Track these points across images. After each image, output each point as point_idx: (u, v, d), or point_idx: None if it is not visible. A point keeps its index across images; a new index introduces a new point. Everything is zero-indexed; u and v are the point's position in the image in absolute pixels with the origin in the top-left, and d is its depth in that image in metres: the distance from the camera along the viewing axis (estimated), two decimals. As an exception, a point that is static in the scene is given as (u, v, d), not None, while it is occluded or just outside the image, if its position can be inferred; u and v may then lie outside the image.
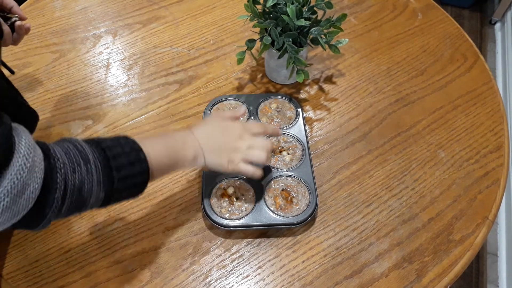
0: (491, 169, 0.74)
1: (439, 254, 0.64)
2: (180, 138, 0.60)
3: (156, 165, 0.54)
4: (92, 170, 0.47)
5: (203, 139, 0.61)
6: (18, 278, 0.61)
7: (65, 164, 0.45)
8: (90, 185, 0.47)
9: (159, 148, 0.56)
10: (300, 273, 0.62)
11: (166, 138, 0.60)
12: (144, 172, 0.52)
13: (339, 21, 0.76)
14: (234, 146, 0.62)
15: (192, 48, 0.93)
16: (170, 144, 0.58)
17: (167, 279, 0.62)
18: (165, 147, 0.57)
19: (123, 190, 0.51)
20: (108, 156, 0.49)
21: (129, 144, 0.52)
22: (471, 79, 0.88)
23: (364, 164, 0.74)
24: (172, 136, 0.61)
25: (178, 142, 0.59)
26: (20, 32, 0.68)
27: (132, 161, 0.51)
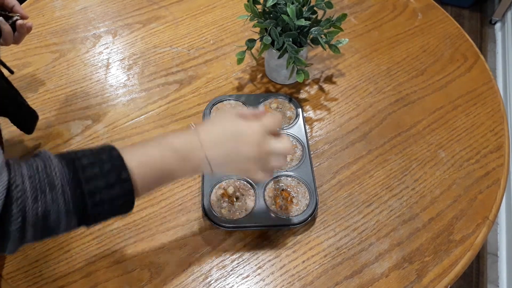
0: (492, 169, 0.74)
1: (440, 254, 0.64)
2: (182, 147, 0.50)
3: (144, 181, 0.47)
4: (57, 199, 0.42)
5: (211, 149, 0.50)
6: (18, 278, 0.61)
7: (25, 192, 0.40)
8: (56, 214, 0.42)
9: (151, 161, 0.48)
10: (300, 273, 0.62)
11: (164, 146, 0.50)
12: (126, 194, 0.46)
13: (339, 21, 0.76)
14: (251, 157, 0.52)
15: (192, 48, 0.93)
16: (168, 154, 0.49)
17: (167, 279, 0.61)
18: (161, 158, 0.49)
19: (102, 214, 0.46)
20: (80, 179, 0.43)
21: (111, 161, 0.45)
22: (471, 79, 0.88)
23: (364, 164, 0.74)
24: (172, 143, 0.50)
25: (178, 152, 0.49)
26: (21, 31, 0.68)
27: (111, 182, 0.44)
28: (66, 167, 0.43)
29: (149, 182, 0.48)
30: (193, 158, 0.50)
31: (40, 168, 0.42)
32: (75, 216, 0.43)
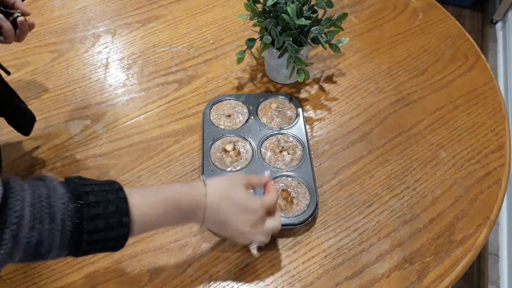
0: (493, 169, 0.74)
1: (441, 255, 0.64)
2: (187, 208, 0.52)
3: (140, 229, 0.48)
4: (55, 232, 0.41)
5: (211, 212, 0.53)
6: (17, 279, 0.61)
7: (22, 219, 0.40)
8: (49, 246, 0.42)
9: (153, 214, 0.49)
10: (301, 274, 0.62)
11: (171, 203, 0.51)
12: (122, 237, 0.46)
13: (340, 20, 0.76)
14: (243, 232, 0.55)
15: (192, 48, 0.93)
16: (172, 211, 0.51)
17: (167, 280, 0.61)
18: (163, 213, 0.50)
19: (93, 250, 0.46)
20: (83, 216, 0.43)
21: (116, 203, 0.45)
22: (472, 78, 0.88)
23: (365, 164, 0.74)
24: (179, 202, 0.51)
25: (181, 212, 0.51)
26: (23, 29, 0.66)
27: (111, 225, 0.45)
28: (71, 202, 0.43)
29: (144, 230, 0.50)
30: (191, 218, 0.53)
31: (43, 196, 0.42)
32: (67, 249, 0.43)
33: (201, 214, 0.53)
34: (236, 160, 0.72)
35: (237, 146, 0.74)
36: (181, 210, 0.51)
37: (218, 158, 0.72)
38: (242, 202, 0.55)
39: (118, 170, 0.73)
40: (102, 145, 0.76)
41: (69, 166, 0.73)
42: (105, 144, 0.76)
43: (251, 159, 0.72)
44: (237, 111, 0.79)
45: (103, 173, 0.72)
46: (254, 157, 0.72)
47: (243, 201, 0.55)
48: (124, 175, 0.72)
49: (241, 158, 0.72)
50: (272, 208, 0.58)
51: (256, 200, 0.56)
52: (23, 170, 0.73)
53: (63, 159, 0.74)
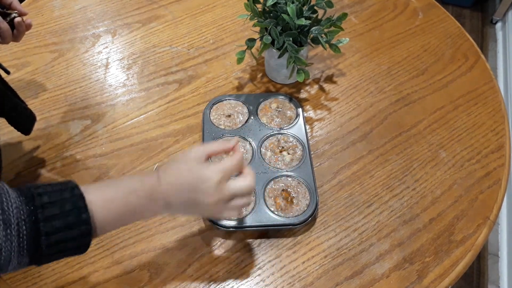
0: (493, 169, 0.74)
1: (440, 255, 0.64)
2: (144, 194, 0.50)
3: (104, 223, 0.47)
4: (12, 237, 0.40)
5: (171, 195, 0.51)
6: (17, 279, 0.61)
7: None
8: (8, 252, 0.40)
9: (113, 205, 0.47)
10: (301, 274, 0.62)
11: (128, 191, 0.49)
12: (84, 235, 0.44)
13: (340, 20, 0.76)
14: (211, 203, 0.51)
15: (192, 48, 0.93)
16: (130, 200, 0.49)
17: (167, 280, 0.61)
18: (124, 203, 0.48)
19: (55, 254, 0.44)
20: (38, 219, 0.41)
21: (72, 201, 0.44)
22: (472, 78, 0.88)
23: (365, 164, 0.74)
24: (135, 189, 0.50)
25: (140, 199, 0.49)
26: (20, 29, 0.66)
27: (70, 224, 0.43)
28: (24, 204, 0.41)
29: (109, 224, 0.48)
30: (154, 206, 0.51)
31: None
32: (27, 255, 0.42)
33: (161, 201, 0.50)
34: (236, 160, 0.72)
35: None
36: (140, 199, 0.49)
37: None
38: (195, 175, 0.51)
39: (118, 170, 0.73)
40: (102, 145, 0.76)
41: (69, 166, 0.73)
42: (105, 144, 0.76)
43: (251, 159, 0.72)
44: (237, 111, 0.79)
45: (103, 173, 0.72)
46: (254, 157, 0.72)
47: (197, 174, 0.51)
48: (124, 175, 0.72)
49: (241, 158, 0.72)
50: (237, 169, 0.54)
51: (211, 167, 0.52)
52: (23, 170, 0.73)
53: (63, 159, 0.74)
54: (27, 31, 0.68)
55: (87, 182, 0.71)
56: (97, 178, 0.72)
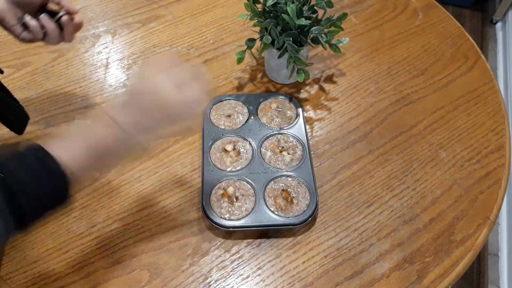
0: (493, 169, 0.74)
1: (440, 255, 0.64)
2: (92, 124, 0.50)
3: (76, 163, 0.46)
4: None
5: (120, 116, 0.48)
6: (17, 279, 0.61)
7: None
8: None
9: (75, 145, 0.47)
10: (301, 274, 0.62)
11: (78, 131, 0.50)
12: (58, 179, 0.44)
13: (340, 20, 0.76)
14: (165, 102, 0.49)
15: (192, 48, 0.93)
16: (83, 134, 0.49)
17: (167, 280, 0.61)
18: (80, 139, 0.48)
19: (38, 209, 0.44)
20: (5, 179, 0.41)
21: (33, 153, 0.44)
22: (472, 78, 0.88)
23: (365, 164, 0.74)
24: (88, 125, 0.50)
25: (93, 128, 0.49)
26: (68, 29, 0.62)
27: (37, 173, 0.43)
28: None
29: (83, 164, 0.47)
30: (108, 127, 0.48)
31: None
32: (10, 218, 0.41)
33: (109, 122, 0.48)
34: (236, 160, 0.72)
35: (237, 146, 0.74)
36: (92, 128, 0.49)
37: (218, 158, 0.72)
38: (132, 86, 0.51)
39: (118, 170, 0.73)
40: (102, 145, 0.76)
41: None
42: (105, 144, 0.76)
43: (251, 159, 0.72)
44: (237, 111, 0.79)
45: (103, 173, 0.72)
46: (254, 157, 0.72)
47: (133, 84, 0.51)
48: (124, 175, 0.72)
49: (241, 158, 0.72)
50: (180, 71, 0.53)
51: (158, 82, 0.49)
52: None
53: (63, 159, 0.74)
54: (78, 32, 0.65)
55: (86, 183, 0.71)
56: (97, 178, 0.72)
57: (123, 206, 0.68)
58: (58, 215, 0.67)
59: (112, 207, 0.68)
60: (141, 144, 0.50)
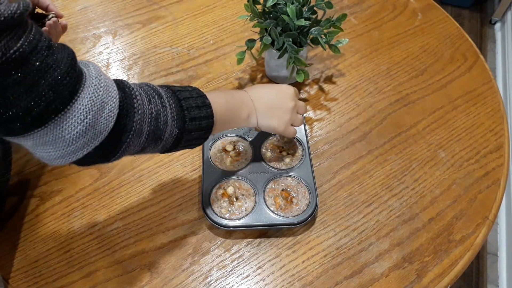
0: (491, 169, 0.74)
1: (439, 254, 0.64)
2: (237, 97, 0.64)
3: (218, 114, 0.56)
4: (166, 104, 0.50)
5: (257, 100, 0.64)
6: (18, 278, 0.61)
7: (141, 94, 0.48)
8: (165, 117, 0.50)
9: (220, 101, 0.58)
10: (300, 273, 0.62)
11: (226, 94, 0.64)
12: (209, 116, 0.55)
13: (339, 21, 0.76)
14: (289, 108, 0.66)
15: (192, 48, 0.93)
16: (230, 100, 0.62)
17: (167, 279, 0.62)
18: (225, 101, 0.60)
19: (192, 131, 0.53)
20: (178, 97, 0.52)
21: (195, 91, 0.56)
22: (471, 79, 0.88)
23: (364, 164, 0.74)
24: (231, 93, 0.65)
25: (236, 100, 0.63)
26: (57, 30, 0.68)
27: (199, 105, 0.54)
28: (164, 88, 0.53)
29: (220, 115, 0.57)
30: (246, 106, 0.63)
31: (143, 84, 0.50)
32: (176, 125, 0.51)
33: (249, 103, 0.63)
34: (236, 160, 0.72)
35: (237, 146, 0.74)
36: (235, 100, 0.63)
37: (218, 158, 0.72)
38: (277, 86, 0.68)
39: (118, 170, 0.73)
40: (103, 145, 0.76)
41: (70, 166, 0.73)
42: (105, 144, 0.77)
43: (251, 159, 0.72)
44: (237, 112, 0.79)
45: (103, 173, 0.73)
46: (254, 157, 0.72)
47: (277, 86, 0.69)
48: (124, 175, 0.72)
49: (241, 158, 0.72)
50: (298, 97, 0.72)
51: (285, 85, 0.70)
52: (23, 170, 0.73)
53: (64, 159, 0.74)
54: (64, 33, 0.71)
55: (87, 182, 0.71)
56: (97, 178, 0.72)
57: (124, 206, 0.69)
58: (59, 215, 0.68)
59: (112, 207, 0.69)
60: (255, 119, 0.64)
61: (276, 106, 0.65)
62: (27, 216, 0.68)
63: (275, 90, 0.67)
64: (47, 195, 0.70)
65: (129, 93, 0.47)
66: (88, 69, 0.44)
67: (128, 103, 0.46)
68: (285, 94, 0.67)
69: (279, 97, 0.66)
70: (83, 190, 0.71)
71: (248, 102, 0.64)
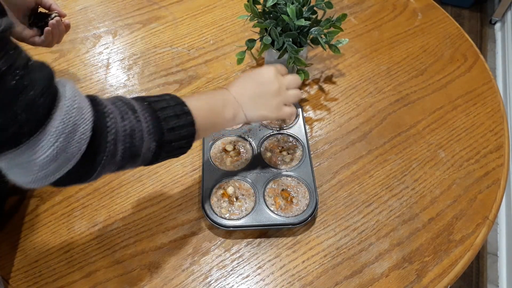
0: (491, 169, 0.74)
1: (439, 254, 0.64)
2: (219, 97, 0.61)
3: (199, 120, 0.54)
4: (140, 119, 0.48)
5: (239, 95, 0.61)
6: (18, 278, 0.61)
7: (113, 112, 0.46)
8: (140, 133, 0.47)
9: (200, 105, 0.56)
10: (300, 273, 0.62)
11: (206, 96, 0.62)
12: (189, 124, 0.53)
13: (339, 21, 0.76)
14: (274, 90, 0.62)
15: (192, 48, 0.93)
16: (211, 102, 0.59)
17: (167, 279, 0.62)
18: (206, 104, 0.58)
19: (172, 142, 0.51)
20: (154, 108, 0.50)
21: (174, 99, 0.53)
22: (471, 79, 0.88)
23: (364, 164, 0.74)
24: (211, 95, 0.63)
25: (217, 101, 0.60)
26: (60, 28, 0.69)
27: (177, 113, 0.52)
28: (139, 100, 0.50)
29: (202, 121, 0.55)
30: (229, 104, 0.60)
31: (116, 99, 0.48)
32: (154, 137, 0.49)
33: (232, 101, 0.60)
34: (236, 160, 0.72)
35: (237, 146, 0.74)
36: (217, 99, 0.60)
37: (218, 158, 0.72)
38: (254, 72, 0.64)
39: (118, 170, 0.73)
40: (103, 145, 0.76)
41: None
42: (105, 144, 0.77)
43: (251, 159, 0.72)
44: (237, 112, 0.79)
45: (104, 173, 0.73)
46: (254, 157, 0.72)
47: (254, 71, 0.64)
48: (124, 175, 0.72)
49: (241, 158, 0.72)
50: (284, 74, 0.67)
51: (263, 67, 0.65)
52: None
53: (64, 159, 0.74)
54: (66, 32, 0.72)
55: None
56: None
57: (124, 206, 0.69)
58: (59, 215, 0.68)
59: (112, 207, 0.69)
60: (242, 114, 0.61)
61: (260, 94, 0.62)
62: (27, 216, 0.68)
63: (255, 78, 0.63)
64: (47, 195, 0.70)
65: (102, 111, 0.45)
66: (64, 88, 0.43)
67: (102, 123, 0.44)
68: (265, 79, 0.62)
69: (260, 84, 0.62)
70: (83, 190, 0.71)
71: (231, 100, 0.60)
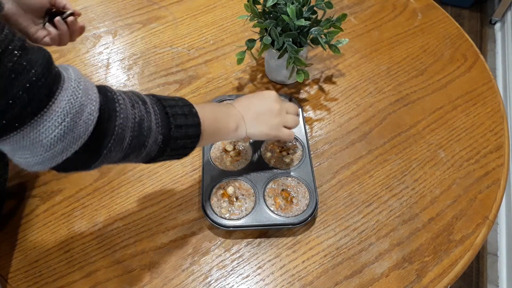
0: (491, 169, 0.74)
1: (439, 254, 0.64)
2: (224, 109, 0.63)
3: (205, 124, 0.55)
4: (150, 110, 0.49)
5: (243, 110, 0.63)
6: (18, 278, 0.61)
7: (124, 99, 0.46)
8: (149, 123, 0.48)
9: (207, 111, 0.57)
10: (300, 273, 0.62)
11: (212, 106, 0.65)
12: (196, 125, 0.54)
13: (339, 21, 0.76)
14: (275, 110, 0.65)
15: (192, 48, 0.93)
16: (217, 111, 0.61)
17: (167, 279, 0.62)
18: (213, 112, 0.60)
19: (178, 139, 0.52)
20: (163, 104, 0.51)
21: (182, 100, 0.55)
22: (471, 79, 0.88)
23: (364, 164, 0.74)
24: (217, 106, 0.66)
25: (222, 112, 0.62)
26: (74, 28, 0.69)
27: (185, 113, 0.53)
28: (150, 96, 0.52)
29: (207, 126, 0.56)
30: (233, 116, 0.62)
31: (128, 91, 0.49)
32: (161, 131, 0.50)
33: (237, 115, 0.63)
34: (236, 160, 0.72)
35: (237, 146, 0.74)
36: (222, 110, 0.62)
37: (218, 158, 0.72)
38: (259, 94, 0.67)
39: (119, 170, 0.73)
40: (103, 145, 0.76)
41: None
42: (106, 144, 0.77)
43: (251, 159, 0.72)
44: (237, 112, 0.79)
45: (104, 173, 0.72)
46: (254, 157, 0.72)
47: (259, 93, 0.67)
48: (124, 175, 0.72)
49: (241, 158, 0.72)
50: None
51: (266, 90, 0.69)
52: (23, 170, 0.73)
53: (64, 159, 0.74)
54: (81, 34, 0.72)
55: (88, 182, 0.71)
56: (97, 178, 0.72)
57: (124, 206, 0.69)
58: (59, 215, 0.68)
59: (112, 207, 0.69)
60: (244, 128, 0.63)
61: (263, 112, 0.65)
62: (27, 216, 0.68)
63: (259, 97, 0.67)
64: (47, 195, 0.70)
65: (111, 97, 0.45)
66: (67, 72, 0.43)
67: (110, 107, 0.44)
68: (268, 99, 0.66)
69: (264, 103, 0.66)
70: (83, 190, 0.71)
71: (235, 112, 0.63)
